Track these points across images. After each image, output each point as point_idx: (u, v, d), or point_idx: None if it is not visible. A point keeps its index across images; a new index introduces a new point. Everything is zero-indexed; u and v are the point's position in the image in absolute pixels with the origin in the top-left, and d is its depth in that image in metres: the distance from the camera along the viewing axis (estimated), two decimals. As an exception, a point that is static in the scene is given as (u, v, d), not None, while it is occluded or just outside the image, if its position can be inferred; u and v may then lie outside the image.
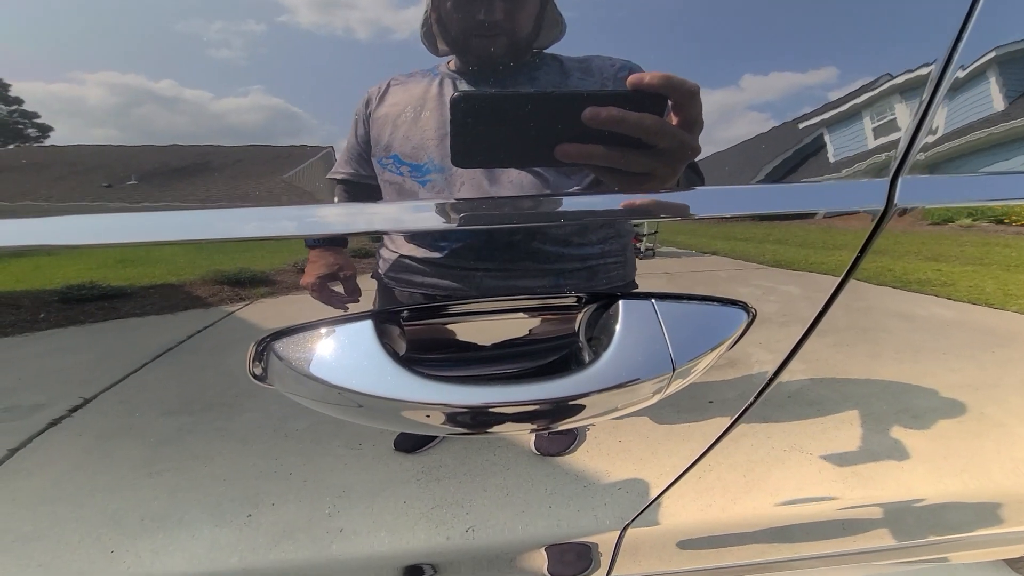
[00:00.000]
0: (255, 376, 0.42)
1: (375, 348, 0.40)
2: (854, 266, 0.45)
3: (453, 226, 0.39)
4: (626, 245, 0.43)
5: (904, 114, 0.41)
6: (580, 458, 0.57)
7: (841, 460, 0.60)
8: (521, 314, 0.48)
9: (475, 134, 0.36)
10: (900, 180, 0.42)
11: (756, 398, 0.52)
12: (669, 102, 0.38)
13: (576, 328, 0.49)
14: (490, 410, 0.42)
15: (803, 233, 0.43)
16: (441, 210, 0.38)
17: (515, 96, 0.37)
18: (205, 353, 0.39)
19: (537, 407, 0.42)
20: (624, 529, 0.59)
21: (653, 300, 0.44)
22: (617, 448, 0.57)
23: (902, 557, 0.72)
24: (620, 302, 0.44)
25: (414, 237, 0.39)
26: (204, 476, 0.47)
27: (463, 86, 0.37)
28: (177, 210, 0.33)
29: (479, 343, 0.49)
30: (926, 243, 0.46)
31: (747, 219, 0.42)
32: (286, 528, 0.50)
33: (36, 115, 0.30)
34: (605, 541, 0.60)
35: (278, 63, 0.35)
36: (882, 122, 0.41)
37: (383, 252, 0.40)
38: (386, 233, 0.39)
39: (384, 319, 0.43)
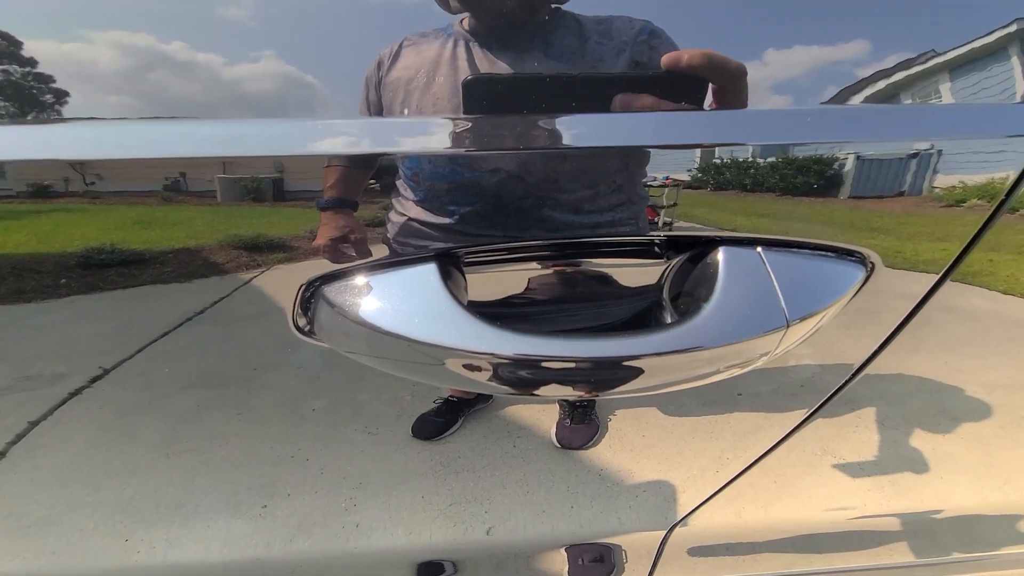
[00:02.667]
0: (300, 329, 0.41)
1: (442, 294, 0.38)
2: (963, 255, 0.41)
3: (462, 150, 0.36)
4: (639, 214, 0.41)
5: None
6: (602, 454, 0.57)
7: (876, 466, 0.59)
8: (592, 261, 0.46)
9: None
10: None
11: (829, 398, 0.51)
12: (711, 86, 0.35)
13: (660, 282, 0.46)
14: (576, 365, 0.39)
15: (828, 211, 0.42)
16: (453, 133, 0.36)
17: (533, 79, 0.35)
18: (223, 323, 0.39)
19: (634, 363, 0.39)
20: (670, 531, 0.59)
21: (759, 248, 0.41)
22: (641, 444, 0.56)
23: (938, 574, 0.70)
24: (721, 249, 0.41)
25: (422, 200, 0.39)
26: (221, 460, 0.48)
27: (476, 50, 0.37)
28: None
29: (544, 297, 0.47)
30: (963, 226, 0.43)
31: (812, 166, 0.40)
32: (301, 522, 0.51)
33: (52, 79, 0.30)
34: (644, 543, 0.59)
35: (287, 25, 0.34)
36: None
37: (392, 216, 0.40)
38: (394, 154, 0.37)
39: (447, 263, 0.41)
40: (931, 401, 0.55)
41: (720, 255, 0.40)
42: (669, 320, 0.43)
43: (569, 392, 0.42)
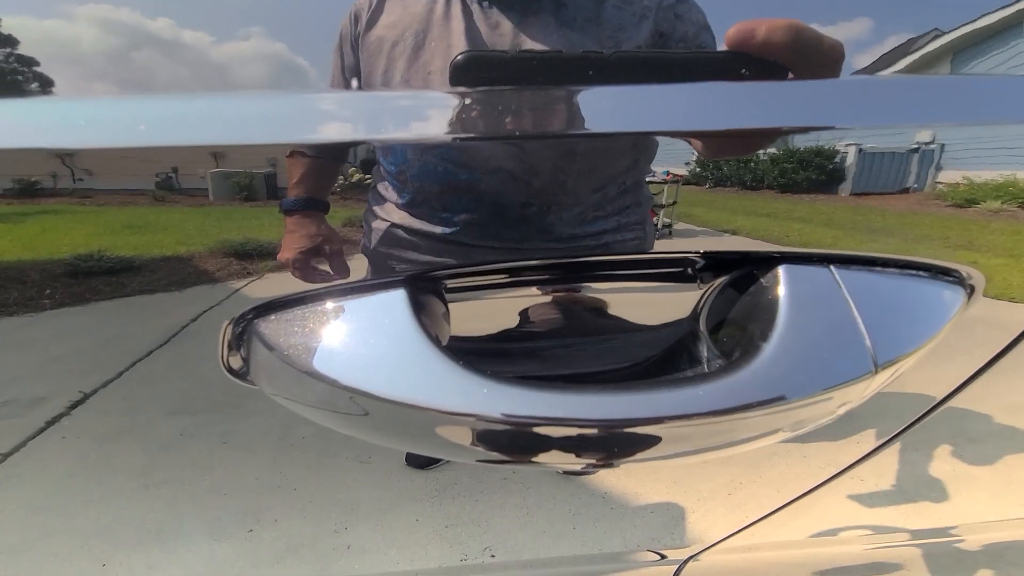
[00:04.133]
0: (231, 371, 0.35)
1: (412, 331, 0.30)
2: None
3: (461, 136, 0.28)
4: (645, 218, 0.37)
5: None
6: (605, 476, 0.56)
7: (897, 489, 0.58)
8: (603, 284, 0.38)
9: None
10: None
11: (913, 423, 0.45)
12: (790, 73, 0.28)
13: (696, 310, 0.38)
14: (594, 431, 0.30)
15: (830, 210, 0.37)
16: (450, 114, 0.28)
17: (542, 59, 0.27)
18: (209, 341, 0.36)
19: (673, 426, 0.30)
20: (685, 563, 0.57)
21: (832, 267, 0.33)
22: (647, 465, 0.55)
23: None
24: (781, 269, 0.32)
25: (409, 204, 0.34)
26: (204, 489, 0.47)
27: (476, 8, 0.31)
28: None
29: (544, 330, 0.39)
30: (951, 228, 0.38)
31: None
32: (290, 544, 0.49)
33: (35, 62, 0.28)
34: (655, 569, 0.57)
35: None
36: None
37: (371, 222, 0.34)
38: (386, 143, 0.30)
39: (422, 289, 0.33)
40: (951, 423, 0.53)
41: (781, 275, 0.32)
42: (708, 358, 0.36)
43: (576, 461, 0.32)
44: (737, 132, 0.29)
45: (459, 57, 0.27)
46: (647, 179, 0.35)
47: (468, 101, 0.27)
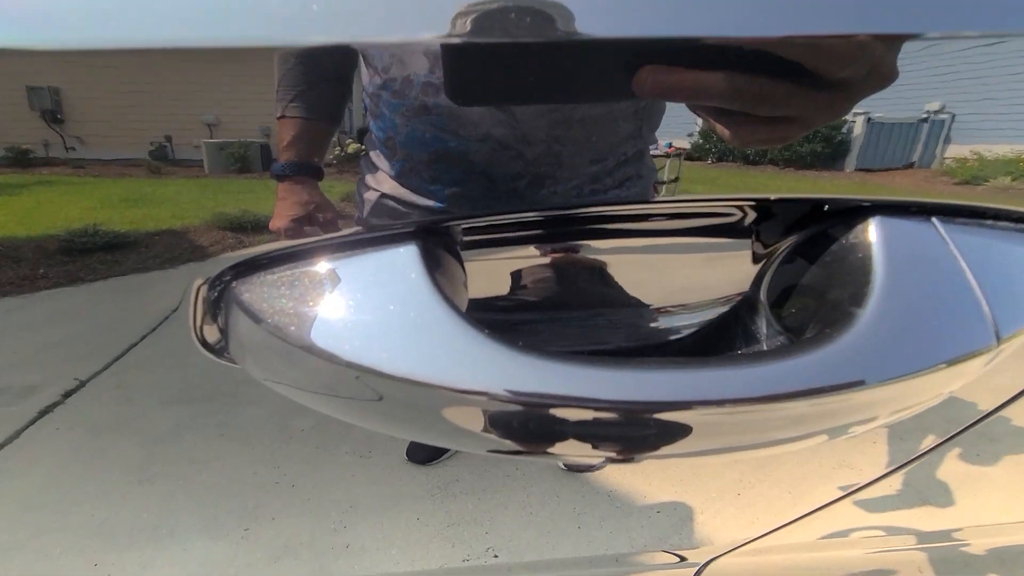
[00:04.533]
0: (207, 345, 0.31)
1: (426, 293, 0.26)
2: None
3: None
4: (647, 192, 0.34)
5: None
6: (611, 475, 0.55)
7: (912, 492, 0.56)
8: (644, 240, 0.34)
9: (484, 64, 0.24)
10: None
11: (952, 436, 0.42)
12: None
13: (760, 275, 0.34)
14: (658, 415, 0.25)
15: (833, 188, 0.34)
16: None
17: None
18: None
19: (746, 411, 0.26)
20: (706, 564, 0.56)
21: (936, 219, 0.29)
22: (653, 464, 0.55)
23: None
24: (874, 221, 0.28)
25: (399, 174, 0.32)
26: (199, 484, 0.46)
27: None
28: None
29: (570, 299, 0.35)
30: None
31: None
32: (287, 543, 0.48)
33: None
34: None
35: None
36: None
37: (365, 194, 0.32)
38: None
39: (438, 244, 0.29)
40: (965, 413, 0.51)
41: (873, 230, 0.28)
42: (768, 335, 0.32)
43: (616, 453, 0.28)
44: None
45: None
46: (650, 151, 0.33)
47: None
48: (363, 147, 0.32)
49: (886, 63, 0.25)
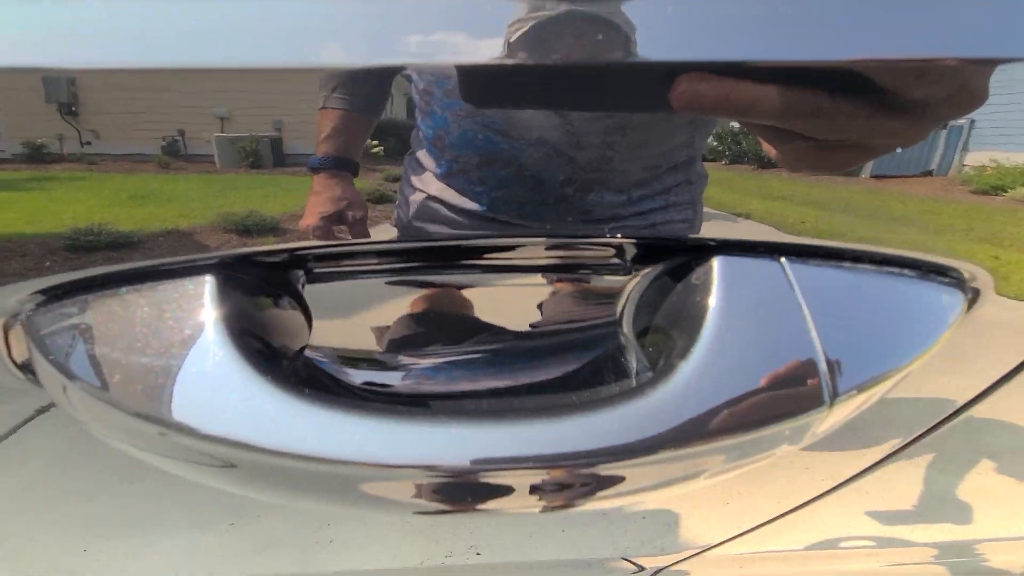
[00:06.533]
0: (18, 365, 0.31)
1: (212, 340, 0.26)
2: None
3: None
4: (696, 198, 0.33)
5: None
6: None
7: (913, 505, 0.58)
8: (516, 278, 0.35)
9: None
10: None
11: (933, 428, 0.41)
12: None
13: (618, 311, 0.35)
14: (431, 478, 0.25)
15: (848, 194, 0.32)
16: None
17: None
18: None
19: (543, 469, 0.25)
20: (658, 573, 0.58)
21: (783, 259, 0.28)
22: (642, 469, 0.57)
23: None
24: (716, 261, 0.28)
25: (446, 175, 0.32)
26: (185, 481, 0.49)
27: None
28: None
29: (428, 331, 0.36)
30: (975, 219, 0.33)
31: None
32: (271, 537, 0.51)
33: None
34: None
35: None
36: None
37: (410, 195, 0.33)
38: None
39: (251, 277, 0.29)
40: (967, 438, 0.53)
41: (716, 269, 0.27)
42: (638, 369, 0.31)
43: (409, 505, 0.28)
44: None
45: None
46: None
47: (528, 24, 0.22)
48: (378, 145, 0.32)
49: (976, 82, 0.23)
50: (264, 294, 0.31)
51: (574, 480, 0.26)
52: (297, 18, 0.24)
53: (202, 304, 0.27)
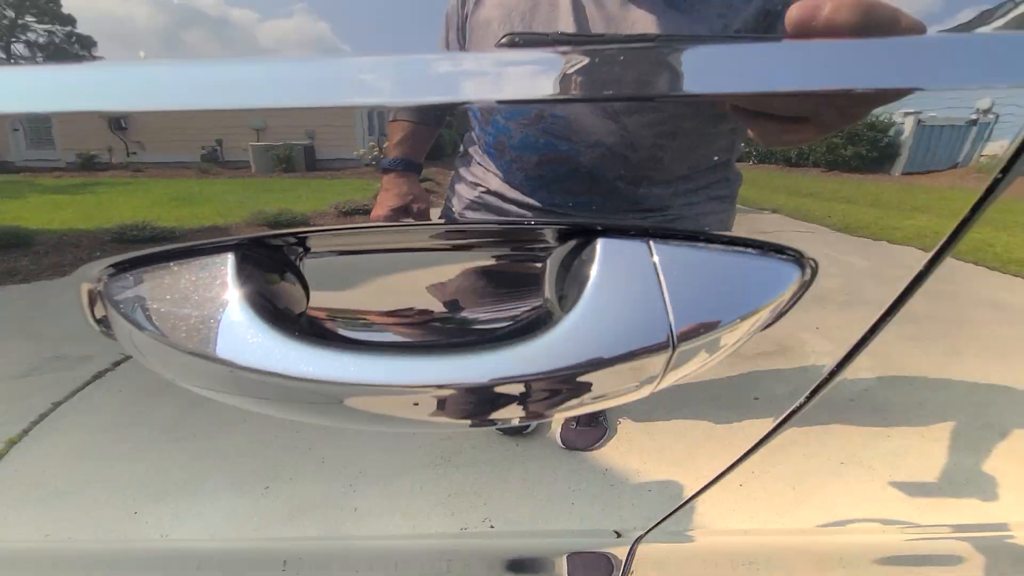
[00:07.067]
0: (97, 320, 0.40)
1: (235, 299, 0.36)
2: (955, 237, 0.38)
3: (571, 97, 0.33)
4: (734, 194, 0.38)
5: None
6: (608, 455, 0.59)
7: (911, 480, 0.59)
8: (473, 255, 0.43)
9: None
10: None
11: (808, 399, 0.48)
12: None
13: (543, 279, 0.42)
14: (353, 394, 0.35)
15: (877, 190, 0.39)
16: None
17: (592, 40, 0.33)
18: None
19: (441, 392, 0.35)
20: (636, 543, 0.61)
21: (651, 240, 0.36)
22: (651, 447, 0.59)
23: None
24: (600, 241, 0.36)
25: (506, 172, 0.37)
26: (227, 445, 0.54)
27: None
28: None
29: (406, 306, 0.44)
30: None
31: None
32: (302, 503, 0.56)
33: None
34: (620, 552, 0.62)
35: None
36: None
37: (466, 191, 0.39)
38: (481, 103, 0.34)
39: (262, 256, 0.38)
40: (980, 414, 0.55)
41: (598, 248, 0.36)
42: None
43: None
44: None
45: (505, 37, 0.32)
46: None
47: (579, 63, 0.32)
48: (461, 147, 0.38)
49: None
50: (271, 268, 0.39)
51: (480, 397, 0.36)
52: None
53: (227, 275, 0.37)
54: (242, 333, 0.35)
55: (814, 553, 0.66)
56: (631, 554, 0.61)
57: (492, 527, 0.58)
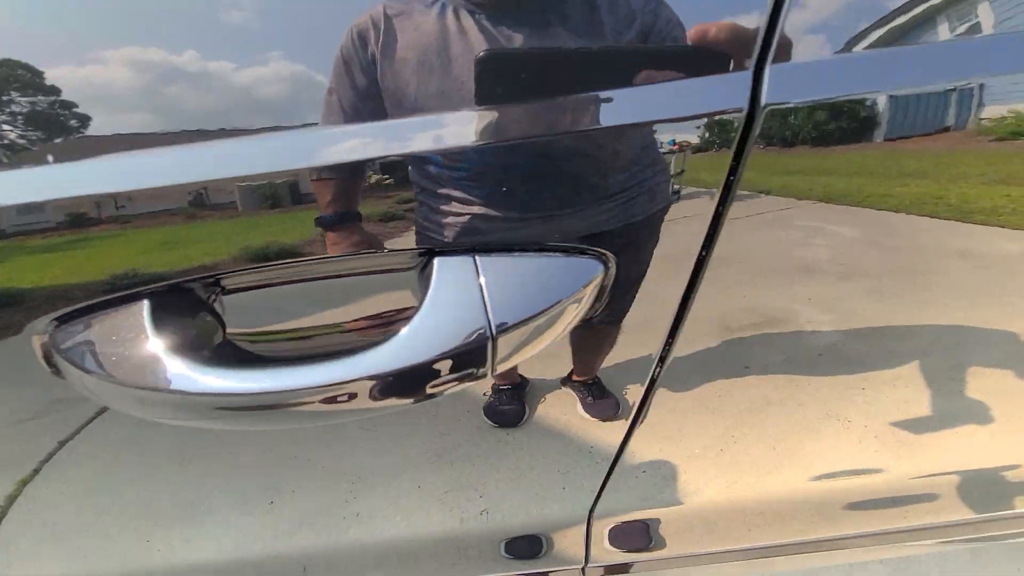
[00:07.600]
0: (49, 364, 0.44)
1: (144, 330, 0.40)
2: (723, 200, 0.42)
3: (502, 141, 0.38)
4: (661, 177, 0.42)
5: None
6: (598, 435, 0.60)
7: (886, 428, 0.61)
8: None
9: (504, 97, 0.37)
10: (767, 71, 0.38)
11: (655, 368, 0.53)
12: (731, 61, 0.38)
13: (414, 294, 0.47)
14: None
15: (861, 159, 0.42)
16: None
17: (554, 53, 0.38)
18: None
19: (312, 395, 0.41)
20: (589, 516, 0.64)
21: (476, 255, 0.42)
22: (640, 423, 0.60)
23: (963, 534, 0.74)
24: (435, 260, 0.42)
25: (482, 198, 0.41)
26: (229, 463, 0.56)
27: (485, 22, 0.37)
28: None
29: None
30: (992, 163, 0.44)
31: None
32: (306, 514, 0.59)
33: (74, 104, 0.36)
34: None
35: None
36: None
37: (451, 221, 0.41)
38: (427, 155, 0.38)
39: (175, 299, 0.42)
40: (949, 357, 0.57)
41: (435, 263, 0.42)
42: None
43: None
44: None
45: (482, 54, 0.36)
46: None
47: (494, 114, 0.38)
48: (386, 177, 0.40)
49: None
50: (188, 309, 0.44)
51: (345, 393, 0.42)
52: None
53: (144, 318, 0.41)
54: (164, 365, 0.41)
55: (801, 504, 0.69)
56: (588, 526, 0.64)
57: (490, 516, 0.61)
